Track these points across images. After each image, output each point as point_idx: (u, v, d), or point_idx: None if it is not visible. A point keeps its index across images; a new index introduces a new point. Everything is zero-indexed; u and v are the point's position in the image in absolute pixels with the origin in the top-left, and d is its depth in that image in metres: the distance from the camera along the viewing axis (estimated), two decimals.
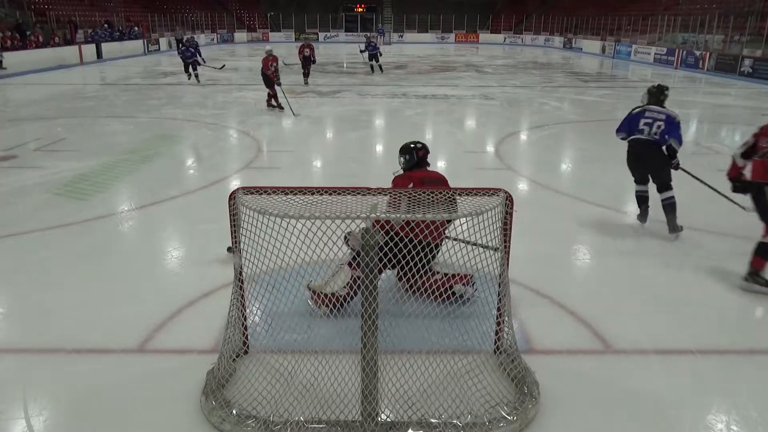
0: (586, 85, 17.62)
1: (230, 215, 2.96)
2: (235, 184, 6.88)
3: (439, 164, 8.44)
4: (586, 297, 4.12)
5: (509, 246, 3.04)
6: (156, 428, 2.81)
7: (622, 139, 5.40)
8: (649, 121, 5.17)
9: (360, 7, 46.01)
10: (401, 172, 4.24)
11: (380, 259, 2.71)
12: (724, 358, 3.44)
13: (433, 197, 2.97)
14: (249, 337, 3.34)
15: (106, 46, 26.29)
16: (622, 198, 6.24)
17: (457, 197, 3.04)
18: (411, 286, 3.75)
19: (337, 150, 9.00)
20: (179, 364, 3.31)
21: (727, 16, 22.87)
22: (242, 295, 3.15)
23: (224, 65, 18.51)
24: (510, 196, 2.98)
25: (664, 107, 5.27)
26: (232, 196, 2.95)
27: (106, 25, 28.53)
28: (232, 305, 3.11)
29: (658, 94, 5.31)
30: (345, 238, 3.16)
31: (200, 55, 16.75)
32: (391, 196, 3.12)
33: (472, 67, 23.42)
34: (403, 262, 2.89)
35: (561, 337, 3.60)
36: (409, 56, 29.39)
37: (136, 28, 31.67)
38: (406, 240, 2.94)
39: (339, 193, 2.99)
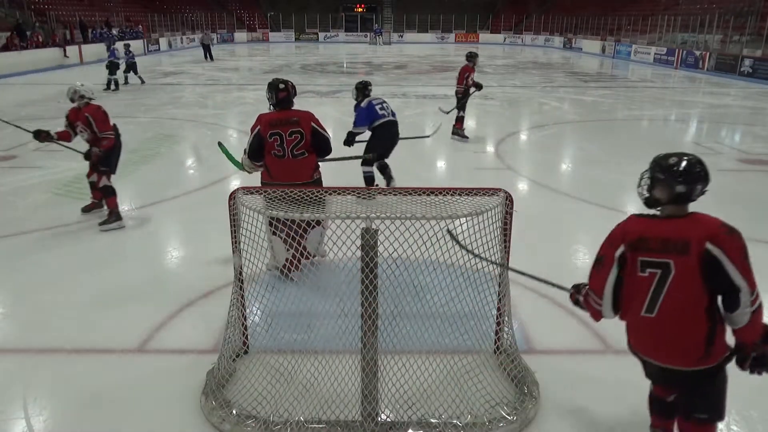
0: (586, 85, 17.60)
1: (230, 215, 2.97)
2: (235, 184, 6.88)
3: (438, 164, 8.46)
4: None
5: (509, 246, 3.04)
6: (156, 428, 2.81)
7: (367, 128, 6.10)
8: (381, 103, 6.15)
9: (360, 7, 45.99)
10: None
11: None
12: None
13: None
14: (249, 337, 3.34)
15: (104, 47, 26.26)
16: (622, 198, 6.25)
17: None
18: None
19: (336, 150, 8.98)
20: (179, 364, 3.31)
21: (727, 16, 22.87)
22: (242, 295, 3.15)
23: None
24: (510, 196, 2.98)
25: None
26: (232, 196, 2.95)
27: (105, 28, 28.52)
28: (232, 305, 3.11)
29: (364, 89, 6.21)
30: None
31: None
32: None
33: None
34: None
35: (561, 337, 3.60)
36: (409, 56, 29.38)
37: (138, 28, 31.65)
38: None
39: (339, 193, 2.99)
